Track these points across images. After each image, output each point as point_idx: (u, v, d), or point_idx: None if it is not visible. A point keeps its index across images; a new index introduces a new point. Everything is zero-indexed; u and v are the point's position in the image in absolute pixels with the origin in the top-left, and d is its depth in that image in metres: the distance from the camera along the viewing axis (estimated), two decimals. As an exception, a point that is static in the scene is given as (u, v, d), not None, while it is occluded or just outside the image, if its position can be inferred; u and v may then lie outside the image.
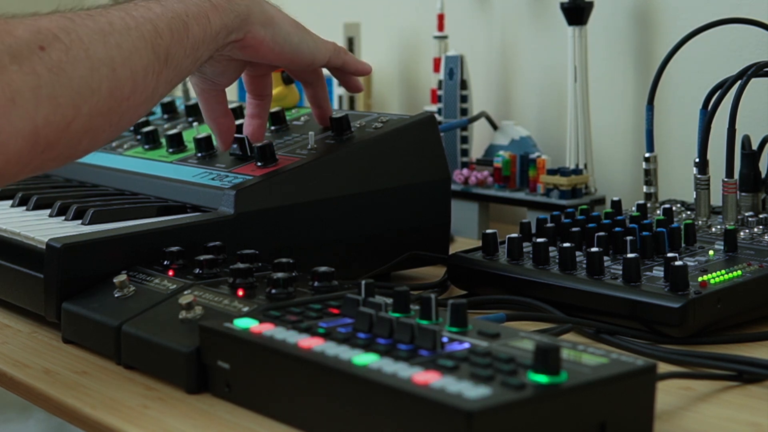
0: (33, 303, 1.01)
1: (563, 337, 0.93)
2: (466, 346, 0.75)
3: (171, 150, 1.25)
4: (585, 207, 1.21)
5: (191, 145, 1.24)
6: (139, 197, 1.18)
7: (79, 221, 1.09)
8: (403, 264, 1.16)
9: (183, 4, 0.99)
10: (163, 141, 1.28)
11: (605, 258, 1.03)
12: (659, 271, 0.99)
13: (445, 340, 0.76)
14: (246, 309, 0.87)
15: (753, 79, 1.13)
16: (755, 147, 1.19)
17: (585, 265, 1.02)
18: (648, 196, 1.26)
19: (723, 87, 1.15)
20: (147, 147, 1.29)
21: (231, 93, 1.66)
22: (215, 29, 1.01)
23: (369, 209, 1.13)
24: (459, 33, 1.62)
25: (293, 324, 0.81)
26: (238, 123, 1.19)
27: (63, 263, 0.97)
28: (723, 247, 1.05)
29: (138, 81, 0.93)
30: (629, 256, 0.99)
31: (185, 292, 0.92)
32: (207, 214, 1.06)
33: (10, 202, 1.22)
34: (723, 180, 1.14)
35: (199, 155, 1.20)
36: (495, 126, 1.50)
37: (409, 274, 1.21)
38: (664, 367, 0.88)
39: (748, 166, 1.17)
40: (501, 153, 1.43)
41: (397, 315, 0.81)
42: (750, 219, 1.12)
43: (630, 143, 1.45)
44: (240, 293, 0.90)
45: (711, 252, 1.05)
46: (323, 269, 0.91)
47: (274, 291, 0.89)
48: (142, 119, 1.33)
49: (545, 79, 1.54)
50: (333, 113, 1.17)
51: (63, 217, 1.12)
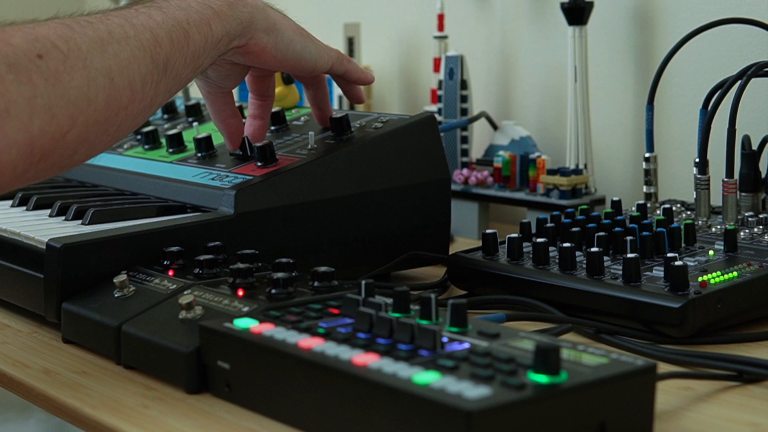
0: (33, 303, 1.01)
1: (563, 337, 0.93)
2: (466, 346, 0.75)
3: (171, 150, 1.25)
4: (585, 207, 1.21)
5: (191, 145, 1.24)
6: (139, 197, 1.18)
7: (79, 221, 1.09)
8: (403, 264, 1.16)
9: (184, 11, 0.98)
10: (163, 141, 1.28)
11: (605, 258, 1.03)
12: (659, 271, 0.99)
13: (445, 340, 0.76)
14: (246, 309, 0.87)
15: (753, 79, 1.13)
16: (755, 147, 1.19)
17: (585, 265, 1.02)
18: (648, 196, 1.26)
19: (723, 87, 1.15)
20: (147, 147, 1.29)
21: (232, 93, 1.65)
22: (216, 37, 1.00)
23: (369, 209, 1.13)
24: (459, 33, 1.62)
25: (293, 324, 0.81)
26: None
27: (63, 263, 0.97)
28: (723, 247, 1.05)
29: (136, 90, 0.92)
30: (629, 256, 0.99)
31: (185, 292, 0.92)
32: (207, 214, 1.06)
33: (10, 202, 1.22)
34: (723, 180, 1.14)
35: (199, 155, 1.20)
36: (495, 126, 1.50)
37: (409, 274, 1.21)
38: (664, 367, 0.88)
39: (748, 166, 1.17)
40: (501, 153, 1.43)
41: (397, 315, 0.81)
42: (750, 219, 1.12)
43: (630, 143, 1.45)
44: (240, 293, 0.90)
45: (711, 252, 1.05)
46: (323, 269, 0.91)
47: (274, 291, 0.89)
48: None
49: (545, 79, 1.54)
50: (333, 113, 1.17)
51: (63, 217, 1.12)
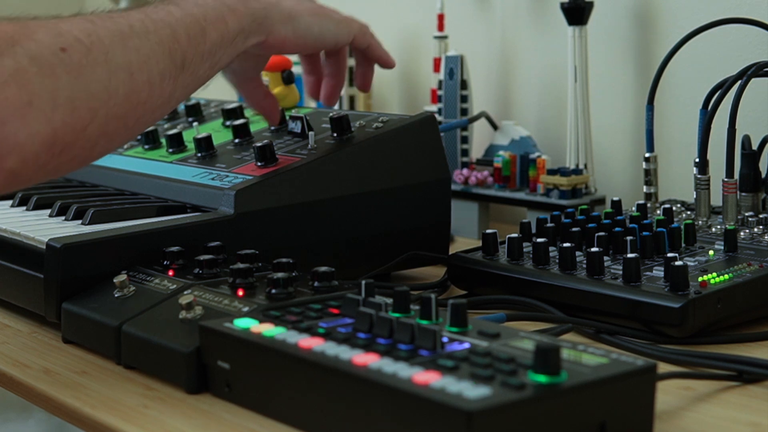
0: (33, 303, 1.01)
1: (563, 337, 0.93)
2: (466, 346, 0.75)
3: (171, 150, 1.25)
4: (585, 207, 1.21)
5: (191, 145, 1.24)
6: (139, 197, 1.18)
7: (79, 221, 1.09)
8: (403, 264, 1.16)
9: (201, 8, 0.99)
10: (163, 141, 1.28)
11: (605, 258, 1.03)
12: (659, 271, 0.99)
13: (445, 340, 0.76)
14: (246, 309, 0.87)
15: (753, 79, 1.13)
16: (755, 147, 1.19)
17: (585, 265, 1.02)
18: (648, 196, 1.26)
19: (723, 87, 1.15)
20: (147, 147, 1.29)
21: (232, 94, 1.66)
22: (232, 33, 1.01)
23: (369, 209, 1.13)
24: (459, 33, 1.62)
25: (293, 324, 0.81)
26: (233, 124, 1.21)
27: (63, 263, 0.97)
28: (723, 247, 1.05)
29: (155, 86, 0.94)
30: (629, 256, 0.99)
31: (185, 292, 0.92)
32: (207, 214, 1.06)
33: (10, 202, 1.22)
34: (723, 180, 1.14)
35: (199, 155, 1.20)
36: (495, 126, 1.50)
37: (409, 274, 1.21)
38: (664, 367, 0.88)
39: (748, 166, 1.17)
40: (501, 153, 1.43)
41: (397, 315, 0.81)
42: (750, 219, 1.12)
43: (630, 143, 1.45)
44: (240, 293, 0.90)
45: (711, 252, 1.05)
46: (323, 269, 0.91)
47: (274, 291, 0.89)
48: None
49: (545, 79, 1.54)
50: (331, 113, 1.17)
51: (63, 217, 1.12)
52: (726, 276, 0.98)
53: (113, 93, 0.90)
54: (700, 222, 1.15)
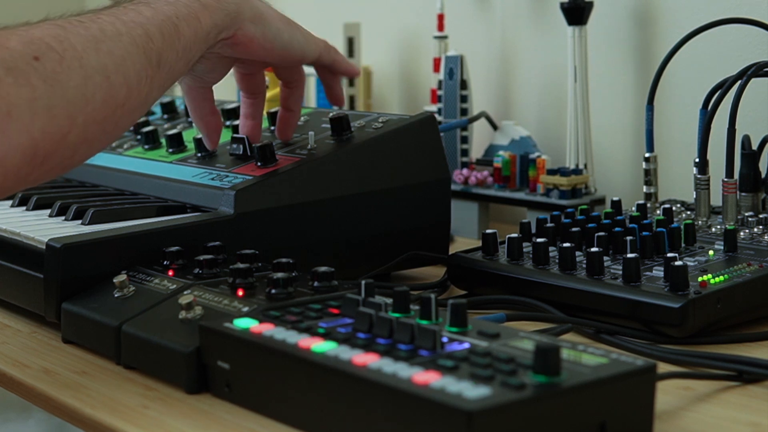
0: (33, 303, 1.01)
1: (563, 337, 0.93)
2: (466, 346, 0.75)
3: (171, 150, 1.25)
4: (585, 207, 1.21)
5: (191, 145, 1.24)
6: (139, 197, 1.18)
7: (79, 221, 1.09)
8: (403, 264, 1.16)
9: (173, 6, 0.98)
10: (163, 141, 1.28)
11: (605, 258, 1.03)
12: (659, 271, 0.99)
13: (445, 340, 0.76)
14: (246, 309, 0.87)
15: (753, 79, 1.13)
16: (755, 147, 1.19)
17: (585, 265, 1.02)
18: (648, 196, 1.26)
19: (723, 87, 1.15)
20: (147, 147, 1.29)
21: (231, 94, 1.66)
22: (206, 29, 1.00)
23: (369, 209, 1.13)
24: (459, 33, 1.62)
25: (293, 324, 0.81)
26: (233, 124, 1.19)
27: (63, 263, 0.97)
28: (723, 247, 1.05)
29: (132, 87, 0.93)
30: (629, 256, 0.99)
31: (185, 292, 0.92)
32: (207, 214, 1.06)
33: (10, 202, 1.22)
34: (723, 180, 1.14)
35: (199, 155, 1.20)
36: (495, 126, 1.50)
37: (409, 274, 1.21)
38: (664, 367, 0.88)
39: (748, 166, 1.17)
40: (501, 153, 1.43)
41: (397, 315, 0.81)
42: (750, 219, 1.12)
43: (630, 143, 1.45)
44: (240, 293, 0.90)
45: (711, 252, 1.05)
46: (323, 269, 0.91)
47: (274, 291, 0.89)
48: (141, 119, 1.33)
49: (545, 79, 1.54)
50: (331, 113, 1.17)
51: (63, 217, 1.12)
52: (726, 276, 0.98)
53: (90, 98, 0.89)
54: (699, 222, 1.15)
